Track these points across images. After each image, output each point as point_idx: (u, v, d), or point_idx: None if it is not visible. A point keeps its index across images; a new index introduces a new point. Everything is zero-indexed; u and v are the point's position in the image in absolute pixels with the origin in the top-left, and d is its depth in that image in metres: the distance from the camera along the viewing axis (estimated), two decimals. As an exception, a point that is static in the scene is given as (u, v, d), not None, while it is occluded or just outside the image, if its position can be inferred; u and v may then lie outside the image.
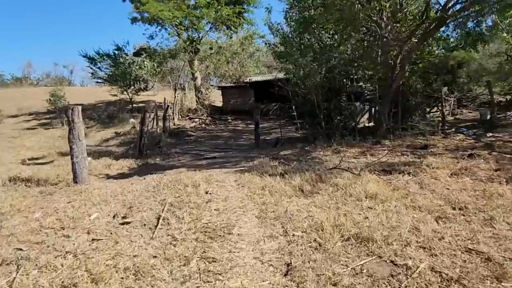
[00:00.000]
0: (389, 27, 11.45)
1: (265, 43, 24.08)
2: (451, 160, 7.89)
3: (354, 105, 12.50)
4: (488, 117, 14.33)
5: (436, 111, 13.76)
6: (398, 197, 5.44)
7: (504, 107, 17.04)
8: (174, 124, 21.25)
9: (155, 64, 19.59)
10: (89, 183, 8.24)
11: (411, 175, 6.81)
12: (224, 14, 20.98)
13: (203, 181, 7.07)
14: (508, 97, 18.44)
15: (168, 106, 17.18)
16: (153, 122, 15.30)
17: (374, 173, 6.94)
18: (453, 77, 17.92)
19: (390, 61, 11.63)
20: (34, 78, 58.15)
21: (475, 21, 12.66)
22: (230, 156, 11.23)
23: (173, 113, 21.72)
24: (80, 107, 8.07)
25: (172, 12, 19.68)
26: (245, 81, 28.51)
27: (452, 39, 14.73)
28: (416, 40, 11.33)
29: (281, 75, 30.93)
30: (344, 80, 12.13)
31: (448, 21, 10.34)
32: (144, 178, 8.45)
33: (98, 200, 6.55)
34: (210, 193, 6.33)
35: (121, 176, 9.46)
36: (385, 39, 11.45)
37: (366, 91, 14.59)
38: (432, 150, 9.96)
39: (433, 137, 11.90)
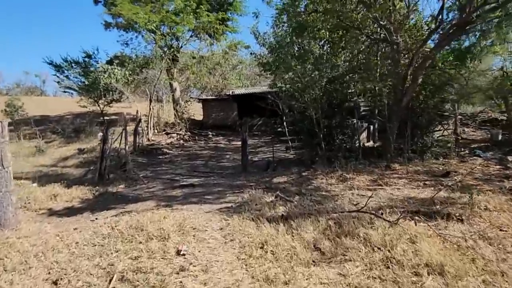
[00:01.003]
0: (400, 32, 9.84)
1: (251, 53, 22.48)
2: (500, 196, 6.13)
3: (356, 122, 10.75)
4: (500, 137, 12.93)
5: (439, 130, 12.18)
6: (475, 270, 3.54)
7: (509, 126, 15.79)
8: (148, 140, 18.95)
9: (127, 73, 17.42)
10: (17, 226, 5.98)
11: (463, 221, 4.97)
12: (206, 20, 19.16)
13: (175, 230, 4.98)
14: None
15: (140, 119, 14.97)
16: (121, 138, 13.09)
17: (412, 218, 5.05)
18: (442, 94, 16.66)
19: (400, 72, 9.98)
20: (3, 87, 54.14)
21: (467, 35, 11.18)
22: (212, 183, 9.16)
23: (147, 127, 19.45)
24: (5, 122, 5.87)
25: (148, 15, 17.68)
26: (228, 93, 26.63)
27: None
28: (429, 49, 9.76)
29: (265, 88, 29.37)
30: (347, 93, 10.43)
31: (469, 27, 8.79)
32: (96, 219, 6.25)
33: (16, 261, 4.41)
34: (184, 254, 4.25)
35: (68, 212, 7.19)
36: (395, 46, 9.82)
37: (360, 106, 12.96)
38: (456, 178, 8.28)
39: (448, 160, 10.28)
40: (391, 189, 7.38)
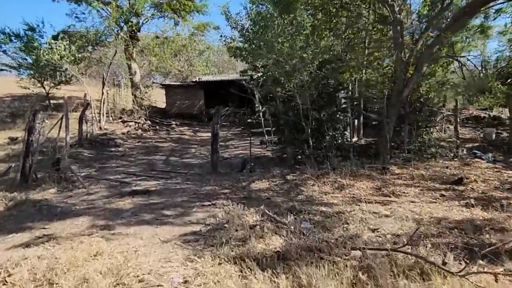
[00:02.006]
0: (404, 11, 8.29)
1: (221, 36, 20.28)
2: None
3: (347, 116, 9.14)
4: (493, 137, 11.95)
5: (433, 127, 10.91)
6: None
7: (491, 125, 15.02)
8: (101, 129, 16.34)
9: (73, 48, 14.64)
10: None
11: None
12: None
13: (109, 286, 3.00)
14: (492, 112, 16.63)
15: (88, 103, 12.45)
16: (62, 127, 10.65)
17: (470, 258, 3.42)
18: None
19: (403, 58, 8.45)
20: None
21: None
22: (174, 188, 7.14)
23: (100, 114, 16.80)
24: None
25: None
26: (194, 80, 24.32)
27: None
28: (438, 33, 8.28)
29: (235, 76, 27.25)
30: (341, 80, 8.74)
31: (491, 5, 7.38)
32: (-9, 252, 4.09)
33: None
34: None
35: (-43, 235, 4.92)
36: (399, 27, 8.24)
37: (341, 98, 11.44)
38: (471, 186, 6.92)
39: (450, 163, 9.00)
40: (405, 202, 5.82)
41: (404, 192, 6.49)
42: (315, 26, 8.68)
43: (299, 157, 8.88)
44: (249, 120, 22.23)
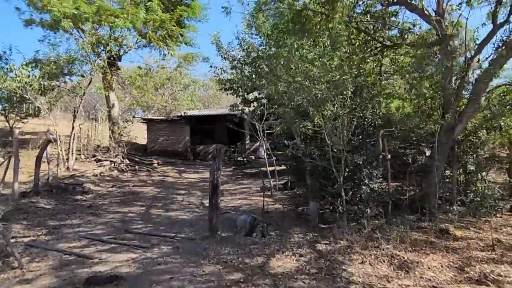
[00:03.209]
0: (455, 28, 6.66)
1: (211, 66, 18.59)
2: None
3: (384, 157, 7.13)
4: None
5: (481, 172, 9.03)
6: None
7: None
8: (68, 169, 13.81)
9: (37, 74, 12.44)
10: None
11: None
12: (158, 18, 14.97)
13: None
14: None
15: (48, 141, 10.03)
16: (8, 169, 8.22)
17: None
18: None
19: (451, 86, 6.71)
20: None
21: None
22: (156, 272, 4.78)
23: (68, 151, 14.33)
24: None
25: (78, 4, 13.09)
26: (180, 114, 22.38)
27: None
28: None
29: (223, 110, 25.42)
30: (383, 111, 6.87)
31: None
32: None
33: None
34: None
35: None
36: (448, 47, 6.55)
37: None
38: None
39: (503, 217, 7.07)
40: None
41: (500, 275, 4.40)
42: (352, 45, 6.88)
43: (330, 213, 6.68)
44: (239, 159, 20.18)
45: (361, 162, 6.23)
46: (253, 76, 18.26)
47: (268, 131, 13.27)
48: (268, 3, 9.28)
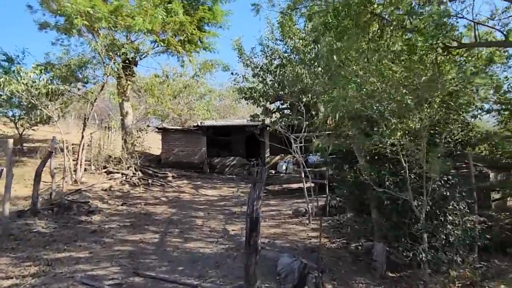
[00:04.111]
0: None
1: (232, 73, 17.29)
2: None
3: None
4: None
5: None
6: None
7: None
8: (76, 182, 12.54)
9: (44, 77, 11.33)
10: None
11: None
12: (178, 20, 13.77)
13: None
14: None
15: (50, 152, 8.72)
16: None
17: None
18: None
19: None
20: None
21: None
22: None
23: (76, 162, 13.09)
24: None
25: (94, 3, 11.99)
26: (196, 124, 21.08)
27: None
28: None
29: (242, 121, 24.05)
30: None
31: None
32: None
33: None
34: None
35: None
36: None
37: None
38: None
39: None
40: None
41: None
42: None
43: (410, 260, 5.03)
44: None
45: (448, 193, 4.62)
46: (276, 85, 16.89)
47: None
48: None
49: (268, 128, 16.94)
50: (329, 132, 7.41)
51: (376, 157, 5.09)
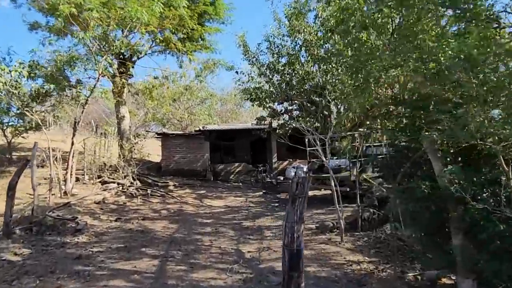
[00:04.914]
0: None
1: (237, 72, 16.01)
2: None
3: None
4: None
5: None
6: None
7: None
8: (66, 194, 11.15)
9: (25, 73, 9.92)
10: None
11: None
12: (177, 14, 12.45)
13: None
14: None
15: (25, 163, 7.31)
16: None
17: None
18: None
19: None
20: None
21: None
22: None
23: (66, 171, 11.71)
24: None
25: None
26: (198, 129, 19.72)
27: None
28: None
29: (247, 125, 22.69)
30: None
31: None
32: None
33: None
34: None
35: None
36: None
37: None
38: None
39: None
40: None
41: None
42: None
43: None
44: (268, 180, 17.23)
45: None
46: (283, 85, 15.60)
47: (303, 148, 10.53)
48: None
49: (277, 130, 15.60)
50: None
51: (466, 157, 3.65)
